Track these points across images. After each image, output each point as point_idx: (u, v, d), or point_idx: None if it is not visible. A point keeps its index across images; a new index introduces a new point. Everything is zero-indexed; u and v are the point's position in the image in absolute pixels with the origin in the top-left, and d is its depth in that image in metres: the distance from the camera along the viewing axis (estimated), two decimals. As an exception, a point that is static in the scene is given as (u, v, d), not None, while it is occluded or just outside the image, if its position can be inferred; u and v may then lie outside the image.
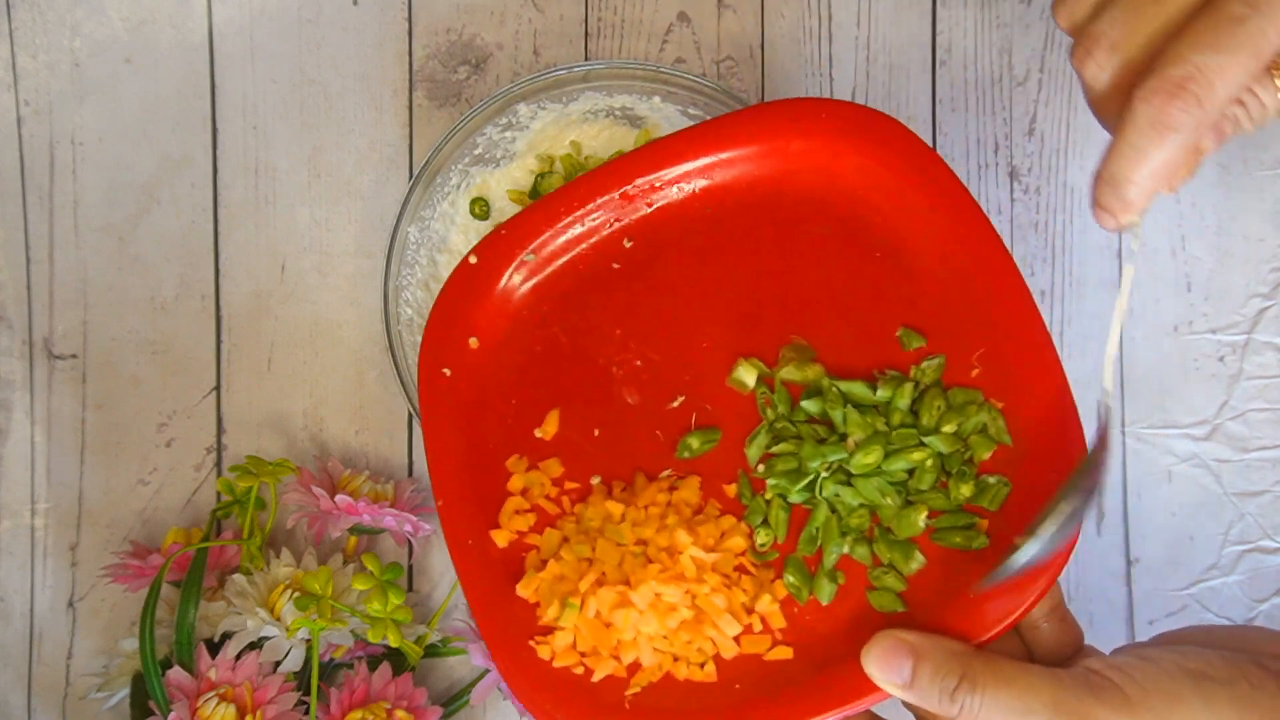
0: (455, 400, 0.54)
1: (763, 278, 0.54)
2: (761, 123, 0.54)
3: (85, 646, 0.65)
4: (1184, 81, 0.38)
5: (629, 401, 0.54)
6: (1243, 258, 0.65)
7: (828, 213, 0.54)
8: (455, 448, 0.53)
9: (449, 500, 0.52)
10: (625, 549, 0.50)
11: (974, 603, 0.47)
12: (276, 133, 0.66)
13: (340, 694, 0.58)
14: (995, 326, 0.51)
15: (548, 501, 0.53)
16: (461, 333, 0.55)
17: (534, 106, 0.62)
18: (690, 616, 0.49)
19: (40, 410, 0.65)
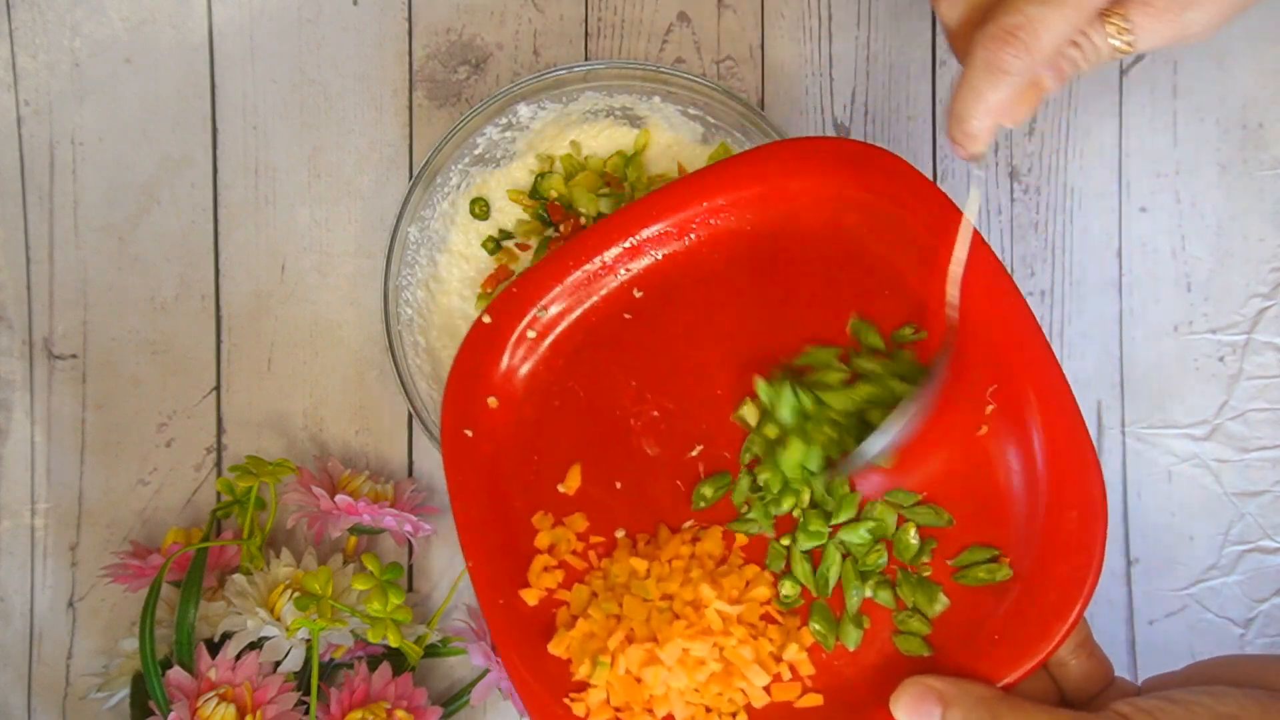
0: (478, 460, 0.54)
1: (772, 319, 0.54)
2: (760, 165, 0.54)
3: (85, 646, 0.65)
4: (1014, 29, 0.43)
5: (649, 453, 0.54)
6: (1243, 258, 0.65)
7: (832, 250, 0.54)
8: (481, 508, 0.53)
9: (478, 561, 0.52)
10: (652, 604, 0.51)
11: (999, 643, 0.47)
12: (276, 133, 0.66)
13: (340, 694, 0.58)
14: (1007, 360, 0.51)
15: (574, 557, 0.53)
16: (480, 393, 0.55)
17: (534, 106, 0.62)
18: (719, 669, 0.49)
19: (40, 410, 0.65)
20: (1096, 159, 0.66)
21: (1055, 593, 0.47)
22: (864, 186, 0.53)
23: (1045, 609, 0.47)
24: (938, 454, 0.51)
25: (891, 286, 0.53)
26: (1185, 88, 0.65)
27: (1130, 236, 0.65)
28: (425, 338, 0.63)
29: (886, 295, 0.53)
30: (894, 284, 0.53)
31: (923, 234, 0.52)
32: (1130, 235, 0.65)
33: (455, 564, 0.65)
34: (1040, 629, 0.47)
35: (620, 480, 0.54)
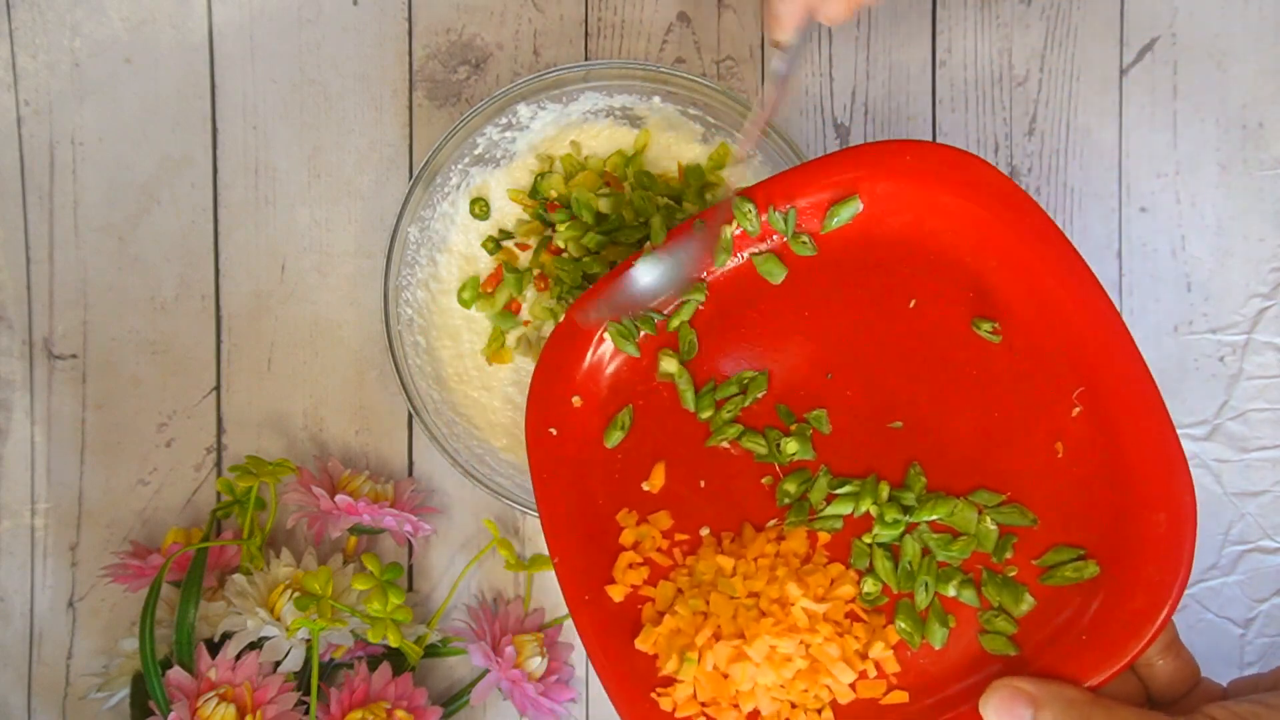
0: (563, 459, 0.54)
1: (855, 321, 0.54)
2: (847, 167, 0.54)
3: (85, 646, 0.65)
4: None
5: (732, 451, 0.54)
6: (1243, 258, 0.65)
7: (917, 254, 0.54)
8: (567, 505, 0.53)
9: (564, 558, 0.52)
10: (738, 602, 0.51)
11: (1087, 644, 0.47)
12: (276, 133, 0.66)
13: (340, 694, 0.58)
14: (1094, 364, 0.51)
15: (659, 554, 0.53)
16: (564, 392, 0.55)
17: (534, 106, 0.62)
18: (805, 666, 0.50)
19: (40, 410, 0.65)
20: (1096, 159, 0.66)
21: (1144, 594, 0.47)
22: (951, 191, 0.53)
23: (1134, 610, 0.47)
24: (1022, 456, 0.51)
25: (978, 291, 0.53)
26: (1185, 88, 0.65)
27: (1130, 237, 0.65)
28: (425, 338, 0.63)
29: (971, 299, 0.53)
30: (981, 290, 0.53)
31: (1010, 237, 0.52)
32: (1130, 235, 0.65)
33: (455, 564, 0.65)
34: (1129, 630, 0.47)
35: (704, 478, 0.54)
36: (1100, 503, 0.50)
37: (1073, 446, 0.51)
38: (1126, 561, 0.48)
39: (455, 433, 0.61)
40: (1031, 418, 0.51)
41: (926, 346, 0.53)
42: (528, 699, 0.61)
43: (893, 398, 0.53)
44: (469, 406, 0.63)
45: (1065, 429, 0.51)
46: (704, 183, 0.63)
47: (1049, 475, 0.51)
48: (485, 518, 0.65)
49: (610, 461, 0.54)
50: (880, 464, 0.53)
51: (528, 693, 0.61)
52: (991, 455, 0.52)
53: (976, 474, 0.52)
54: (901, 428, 0.53)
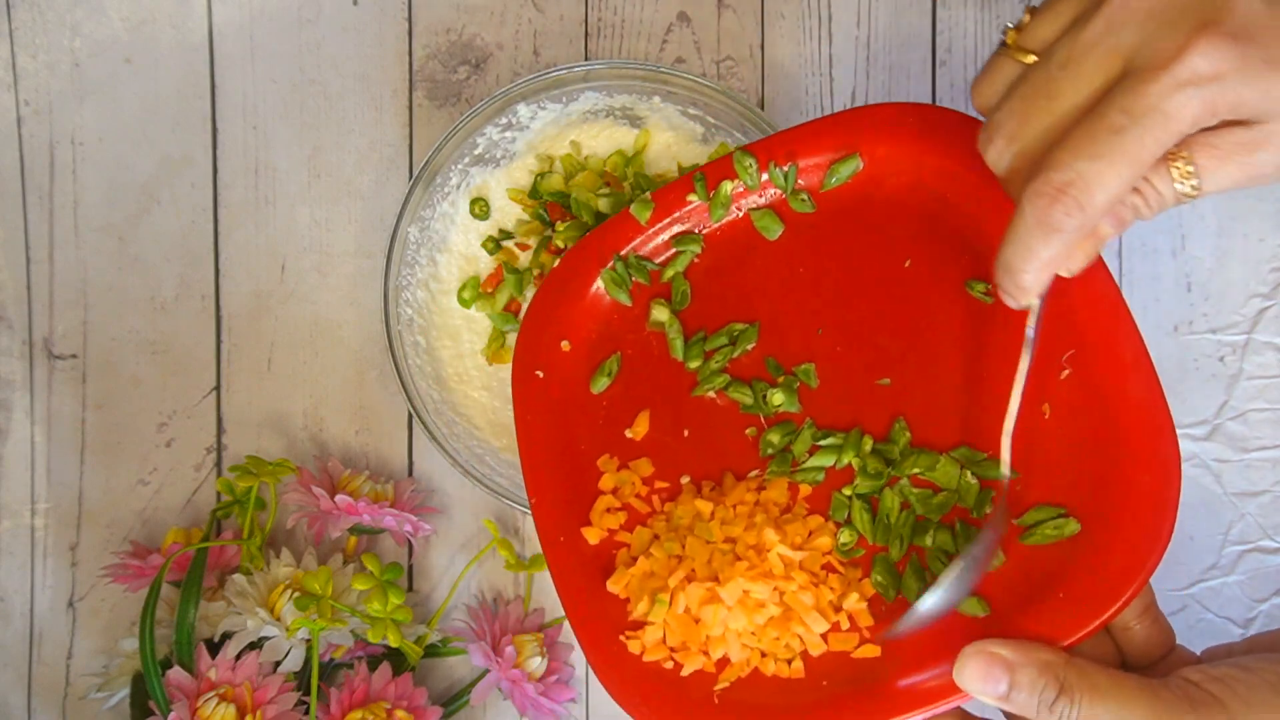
0: (548, 401, 0.55)
1: (849, 278, 0.54)
2: (849, 127, 0.54)
3: (85, 646, 0.65)
4: (1065, 186, 0.40)
5: (717, 401, 0.54)
6: (1243, 258, 0.65)
7: (914, 215, 0.54)
8: (548, 447, 0.54)
9: (541, 497, 0.53)
10: (714, 546, 0.51)
11: (1065, 602, 0.47)
12: (276, 133, 0.66)
13: (340, 694, 0.58)
14: (1085, 326, 0.51)
15: (638, 500, 0.53)
16: (554, 335, 0.55)
17: (534, 106, 0.62)
18: (778, 613, 0.49)
19: (40, 410, 0.65)
20: (1096, 159, 0.65)
21: (1124, 552, 0.47)
22: (948, 154, 0.53)
23: (1114, 568, 0.47)
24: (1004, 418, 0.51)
25: (973, 254, 0.53)
26: (1185, 88, 0.65)
27: (1130, 236, 0.65)
28: (425, 338, 0.63)
29: (964, 260, 0.53)
30: (976, 252, 0.53)
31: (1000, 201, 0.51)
32: (1130, 235, 0.65)
33: (455, 564, 0.65)
34: (1108, 589, 0.46)
35: (689, 428, 0.54)
36: (1085, 464, 0.50)
37: (1059, 409, 0.50)
38: (1109, 521, 0.48)
39: (455, 433, 0.61)
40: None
41: (919, 306, 0.53)
42: (528, 699, 0.61)
43: (882, 355, 0.53)
44: (469, 406, 0.63)
45: (1053, 391, 0.51)
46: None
47: (1034, 436, 0.50)
48: (485, 518, 0.65)
49: (595, 407, 0.55)
50: (865, 419, 0.53)
51: (528, 693, 0.61)
52: (977, 415, 0.52)
53: (961, 432, 0.52)
54: (889, 384, 0.53)
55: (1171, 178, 0.42)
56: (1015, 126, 0.43)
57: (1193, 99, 0.39)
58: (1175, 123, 0.39)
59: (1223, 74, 0.38)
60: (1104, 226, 0.43)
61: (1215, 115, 0.39)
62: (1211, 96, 0.39)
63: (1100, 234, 0.44)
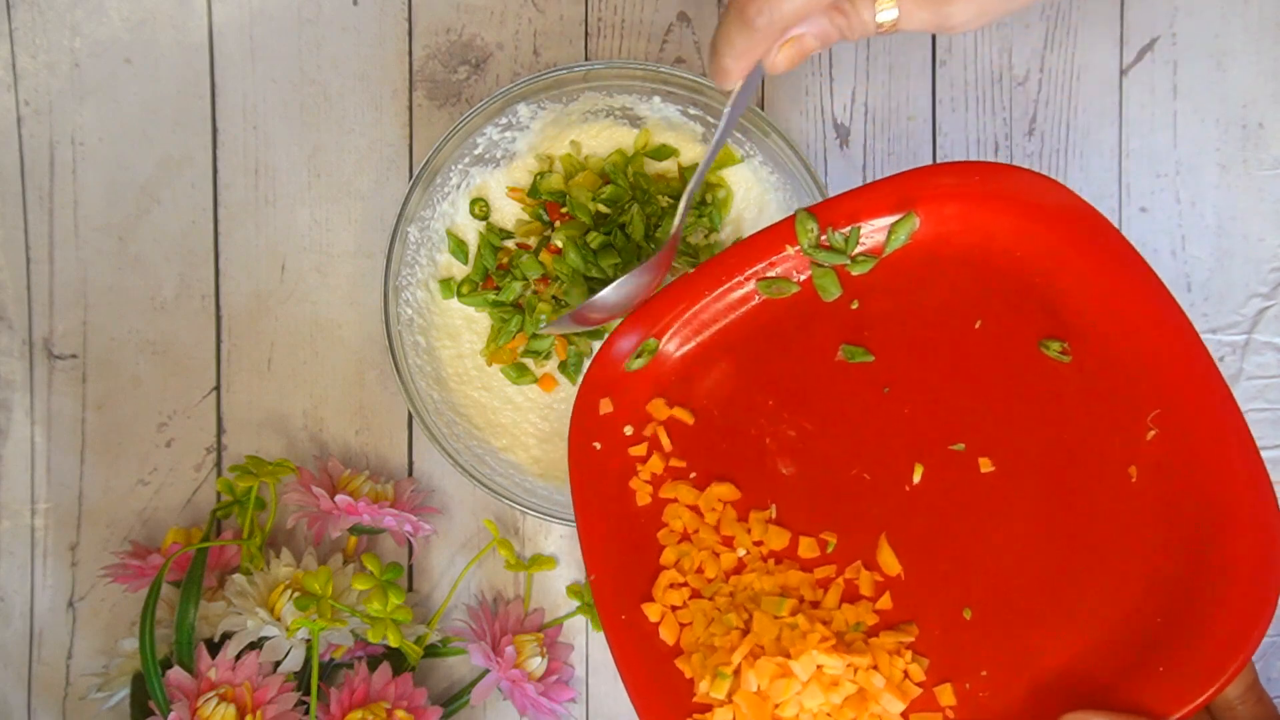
0: (605, 473, 0.53)
1: (917, 339, 0.53)
2: (912, 188, 0.53)
3: (85, 646, 0.65)
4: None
5: (783, 472, 0.53)
6: (1243, 258, 0.65)
7: (984, 275, 0.53)
8: (606, 521, 0.52)
9: (601, 573, 0.51)
10: (782, 622, 0.49)
11: (1166, 675, 0.46)
12: (276, 133, 0.66)
13: (340, 694, 0.58)
14: (1170, 385, 0.49)
15: (698, 576, 0.52)
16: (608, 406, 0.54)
17: (534, 106, 0.62)
18: (854, 691, 0.48)
19: (40, 410, 0.65)
20: (1096, 159, 0.66)
21: (1227, 626, 0.46)
22: (1019, 212, 0.52)
23: (1216, 642, 0.45)
24: (1093, 479, 0.50)
25: (1049, 312, 0.52)
26: (1185, 88, 0.65)
27: (1130, 236, 0.65)
28: (425, 338, 0.63)
29: (1037, 318, 0.52)
30: (1052, 310, 0.52)
31: (1080, 257, 0.51)
32: (1130, 235, 0.65)
33: (455, 564, 0.65)
34: (1211, 663, 0.45)
35: (753, 499, 0.53)
36: (1178, 530, 0.48)
37: (1147, 471, 0.49)
38: (1210, 592, 0.47)
39: (455, 433, 0.61)
40: (1103, 440, 0.50)
41: (992, 366, 0.52)
42: (528, 699, 0.61)
43: (956, 417, 0.52)
44: (469, 406, 0.63)
45: (1139, 452, 0.49)
46: (704, 183, 0.63)
47: (1122, 499, 0.49)
48: (485, 518, 0.65)
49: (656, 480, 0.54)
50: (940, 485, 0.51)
51: (528, 693, 0.61)
52: (1060, 478, 0.50)
53: (1045, 499, 0.50)
54: (964, 450, 0.51)
55: (874, 8, 0.47)
56: None
57: None
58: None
59: None
60: (808, 38, 0.47)
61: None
62: None
63: (805, 44, 0.48)
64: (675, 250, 0.52)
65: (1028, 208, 0.52)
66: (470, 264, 0.64)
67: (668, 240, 0.51)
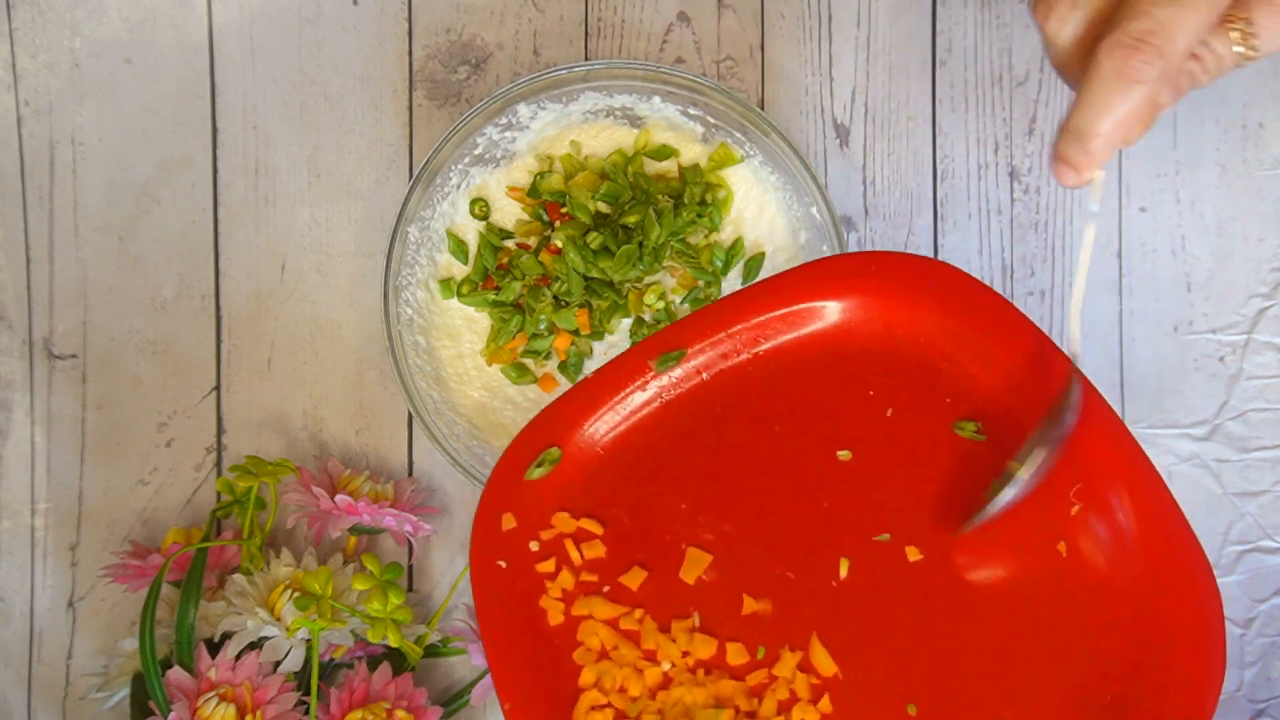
0: (513, 594, 0.51)
1: (830, 434, 0.52)
2: (805, 283, 0.52)
3: (85, 646, 0.65)
4: (1146, 35, 0.40)
5: (704, 578, 0.51)
6: (1243, 258, 0.65)
7: (889, 363, 0.53)
8: (517, 645, 0.50)
9: (515, 702, 0.48)
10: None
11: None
12: (276, 133, 0.66)
13: (340, 694, 0.58)
14: (1088, 457, 0.49)
15: (620, 696, 0.50)
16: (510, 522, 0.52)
17: (534, 106, 0.62)
18: None
19: (40, 410, 0.65)
20: (1096, 159, 0.65)
21: (1179, 696, 0.46)
22: (918, 300, 0.52)
23: (1171, 712, 0.46)
24: (1022, 556, 0.50)
25: (957, 396, 0.52)
26: (1185, 88, 0.65)
27: (1130, 237, 0.65)
28: (425, 338, 0.63)
29: (949, 404, 0.52)
30: (961, 394, 0.52)
31: (985, 341, 0.51)
32: (1130, 235, 0.65)
33: (455, 564, 0.65)
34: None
35: (675, 607, 0.51)
36: (1114, 603, 0.48)
37: (1074, 546, 0.49)
38: (1154, 664, 0.47)
39: (455, 433, 0.61)
40: (1028, 518, 0.50)
41: (908, 453, 0.52)
42: (528, 699, 0.61)
43: (877, 507, 0.51)
44: (469, 406, 0.63)
45: (1066, 528, 0.50)
46: (704, 183, 0.63)
47: (1054, 576, 0.49)
48: (485, 518, 0.65)
49: None
50: None
51: (528, 693, 0.61)
52: (990, 558, 0.50)
53: (976, 582, 0.50)
54: (889, 540, 0.51)
55: (1230, 39, 0.42)
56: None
57: None
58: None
59: None
60: (1164, 94, 0.42)
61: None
62: None
63: (1158, 102, 0.43)
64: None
65: (928, 295, 0.52)
66: (470, 264, 0.64)
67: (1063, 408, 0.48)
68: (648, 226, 0.61)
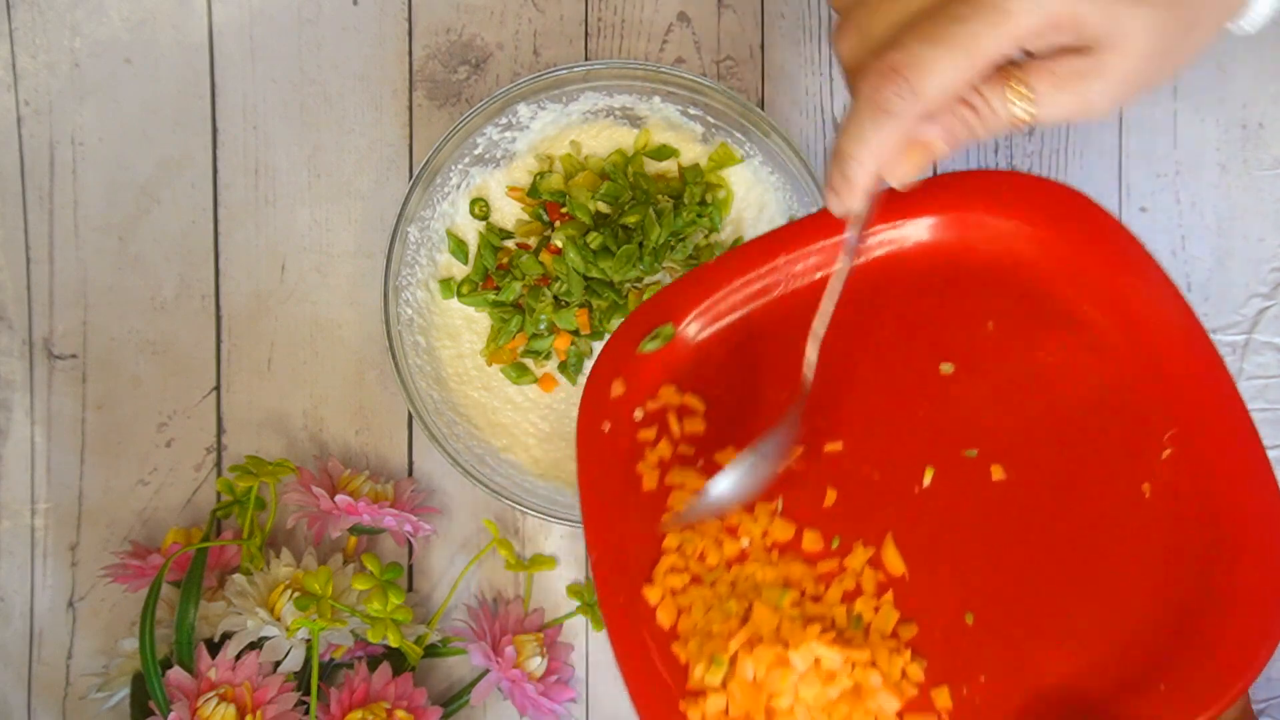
0: (613, 455, 0.52)
1: (937, 345, 0.53)
2: (939, 194, 0.52)
3: (85, 646, 0.65)
4: (899, 66, 0.40)
5: (793, 467, 0.52)
6: (1243, 258, 0.65)
7: (1006, 285, 0.53)
8: (610, 503, 0.51)
9: (602, 554, 0.50)
10: (783, 613, 0.49)
11: (1163, 695, 0.46)
12: (276, 133, 0.66)
13: (340, 694, 0.58)
14: (1189, 406, 0.49)
15: (699, 564, 0.51)
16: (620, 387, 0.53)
17: (534, 106, 0.62)
18: (850, 686, 0.47)
19: (40, 410, 0.65)
20: (1096, 159, 0.66)
21: (1233, 648, 0.46)
22: (1044, 224, 0.52)
23: (1221, 664, 0.45)
24: (1107, 491, 0.50)
25: (1068, 326, 0.52)
26: (1185, 88, 0.65)
27: (1130, 236, 0.65)
28: (425, 338, 0.63)
29: (1059, 332, 0.52)
30: (1072, 323, 0.52)
31: (1104, 272, 0.51)
32: (1130, 235, 0.65)
33: (455, 564, 0.65)
34: (1214, 685, 0.45)
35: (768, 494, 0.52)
36: (1188, 548, 0.48)
37: (1160, 489, 0.49)
38: (1215, 613, 0.47)
39: (455, 433, 0.61)
40: (1119, 456, 0.50)
41: (1009, 375, 0.52)
42: (528, 699, 0.61)
43: (970, 423, 0.51)
44: (469, 406, 0.63)
45: (1154, 470, 0.49)
46: (704, 183, 0.63)
47: (1133, 516, 0.49)
48: (485, 518, 0.65)
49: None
50: None
51: (528, 693, 0.61)
52: (1072, 490, 0.50)
53: (1055, 510, 0.50)
54: (977, 456, 0.51)
55: (1008, 98, 0.42)
56: (868, 20, 0.42)
57: (1036, 5, 0.39)
58: (1014, 23, 0.39)
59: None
60: (937, 141, 0.43)
61: (1055, 29, 0.39)
62: (1053, 7, 0.39)
63: (930, 146, 0.43)
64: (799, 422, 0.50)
65: (1050, 217, 0.51)
66: (470, 264, 0.64)
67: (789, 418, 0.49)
68: (648, 226, 0.61)
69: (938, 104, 0.41)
